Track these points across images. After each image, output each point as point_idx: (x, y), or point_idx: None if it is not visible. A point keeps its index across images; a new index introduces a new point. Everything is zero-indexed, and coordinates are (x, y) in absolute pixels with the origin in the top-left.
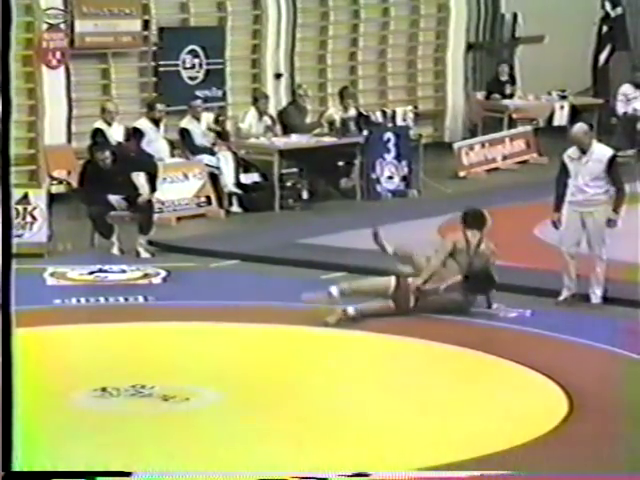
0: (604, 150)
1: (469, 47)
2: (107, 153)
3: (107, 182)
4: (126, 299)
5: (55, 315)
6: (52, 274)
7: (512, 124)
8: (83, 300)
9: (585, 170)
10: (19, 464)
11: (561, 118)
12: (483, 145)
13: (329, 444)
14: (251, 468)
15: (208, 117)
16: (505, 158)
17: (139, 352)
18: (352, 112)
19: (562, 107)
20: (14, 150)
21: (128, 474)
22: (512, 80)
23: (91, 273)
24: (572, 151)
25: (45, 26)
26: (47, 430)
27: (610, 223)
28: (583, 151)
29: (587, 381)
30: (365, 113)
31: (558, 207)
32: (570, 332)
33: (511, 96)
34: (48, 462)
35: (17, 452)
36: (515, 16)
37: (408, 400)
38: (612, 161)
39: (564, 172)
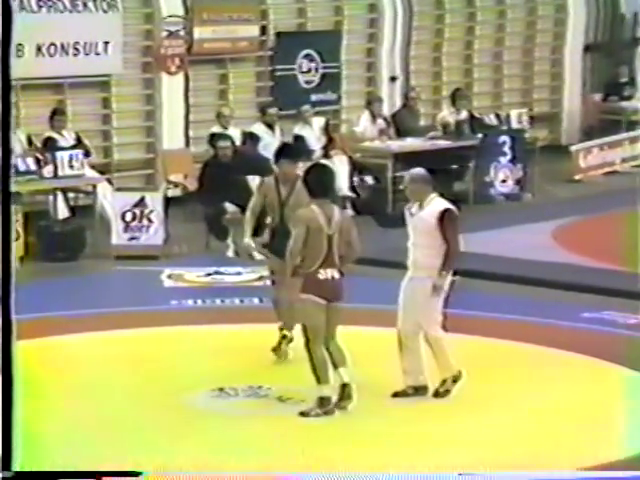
0: (438, 204)
1: (587, 48)
2: (228, 142)
3: (225, 184)
4: (242, 301)
5: (172, 316)
6: (169, 276)
7: (631, 126)
8: (200, 302)
9: (415, 226)
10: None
11: None
12: (601, 148)
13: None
14: (372, 469)
15: (319, 121)
16: (624, 161)
17: (255, 353)
18: (465, 115)
19: None
20: (132, 155)
21: (137, 474)
22: (632, 82)
23: (208, 275)
24: (413, 203)
25: (164, 33)
26: (162, 429)
27: (435, 289)
28: (421, 204)
29: None
30: (478, 116)
31: None
32: None
33: (629, 98)
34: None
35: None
36: (636, 16)
37: (521, 404)
38: (444, 216)
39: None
